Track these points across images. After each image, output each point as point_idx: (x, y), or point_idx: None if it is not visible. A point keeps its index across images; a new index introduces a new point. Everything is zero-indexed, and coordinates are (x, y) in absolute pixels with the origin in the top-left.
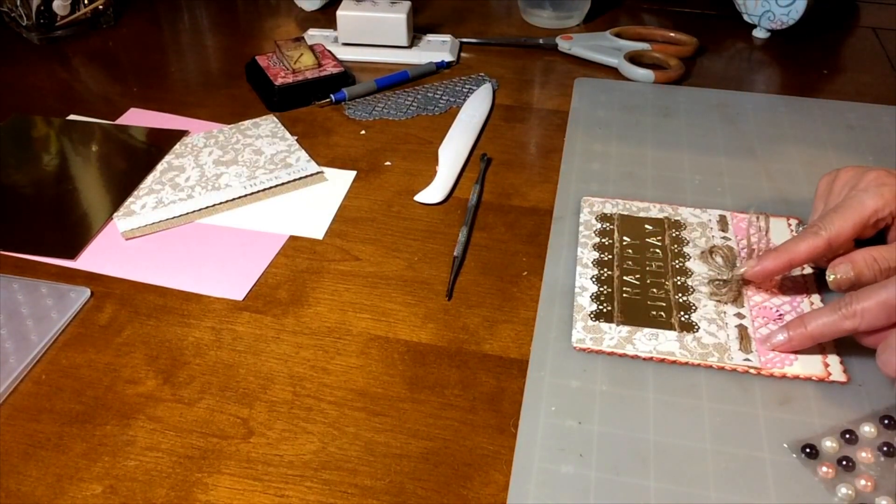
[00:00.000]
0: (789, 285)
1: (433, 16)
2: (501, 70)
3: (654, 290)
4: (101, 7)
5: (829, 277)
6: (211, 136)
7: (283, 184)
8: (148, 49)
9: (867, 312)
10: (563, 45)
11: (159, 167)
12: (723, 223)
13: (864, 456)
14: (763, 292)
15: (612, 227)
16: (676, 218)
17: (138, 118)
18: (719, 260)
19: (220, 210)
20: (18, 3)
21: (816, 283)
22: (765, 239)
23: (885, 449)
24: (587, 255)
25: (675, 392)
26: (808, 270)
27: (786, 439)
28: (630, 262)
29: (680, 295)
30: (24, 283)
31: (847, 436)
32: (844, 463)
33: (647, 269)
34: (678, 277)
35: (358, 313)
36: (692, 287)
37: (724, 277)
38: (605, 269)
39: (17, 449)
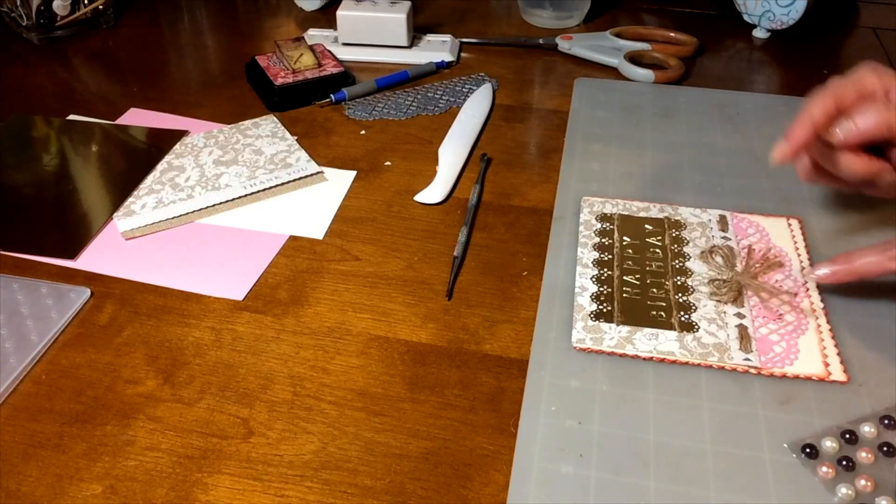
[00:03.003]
0: (790, 285)
1: (433, 16)
2: (501, 70)
3: (654, 290)
4: (101, 7)
5: (834, 131)
6: (211, 136)
7: (283, 184)
8: (148, 49)
9: None
10: (563, 45)
11: (159, 167)
12: (723, 223)
13: (864, 456)
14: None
15: (612, 227)
16: (676, 218)
17: (138, 118)
18: (719, 260)
19: (220, 210)
20: (18, 3)
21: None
22: (765, 239)
23: (885, 449)
24: (587, 255)
25: (675, 392)
26: (806, 265)
27: (786, 439)
28: (630, 262)
29: (680, 295)
30: (24, 283)
31: (847, 436)
32: (844, 463)
33: (647, 269)
34: (678, 277)
35: (358, 313)
36: (692, 287)
37: (724, 277)
38: (605, 269)
39: (17, 449)
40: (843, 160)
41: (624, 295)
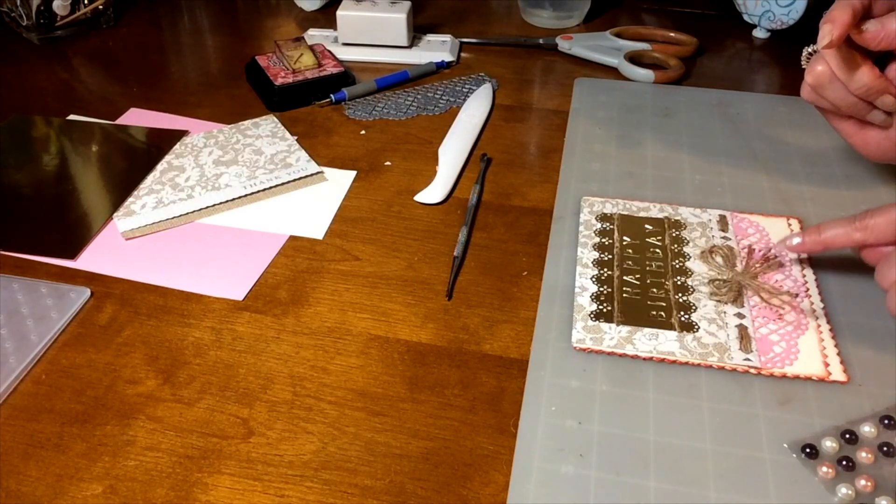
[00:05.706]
0: (790, 285)
1: (433, 16)
2: (501, 70)
3: (654, 289)
4: (101, 7)
5: (861, 28)
6: (211, 136)
7: (283, 184)
8: (148, 49)
9: (877, 227)
10: (563, 45)
11: (159, 167)
12: (723, 223)
13: (864, 456)
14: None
15: (612, 226)
16: (676, 218)
17: (138, 118)
18: (719, 260)
19: (220, 210)
20: (18, 3)
21: (816, 282)
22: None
23: (885, 449)
24: (587, 255)
25: (675, 392)
26: (808, 271)
27: (786, 439)
28: (630, 262)
29: (680, 295)
30: (24, 283)
31: (847, 436)
32: (844, 463)
33: (647, 268)
34: (678, 277)
35: (358, 313)
36: (692, 287)
37: (724, 277)
38: (605, 269)
39: (17, 449)
40: (857, 69)
41: (624, 295)
